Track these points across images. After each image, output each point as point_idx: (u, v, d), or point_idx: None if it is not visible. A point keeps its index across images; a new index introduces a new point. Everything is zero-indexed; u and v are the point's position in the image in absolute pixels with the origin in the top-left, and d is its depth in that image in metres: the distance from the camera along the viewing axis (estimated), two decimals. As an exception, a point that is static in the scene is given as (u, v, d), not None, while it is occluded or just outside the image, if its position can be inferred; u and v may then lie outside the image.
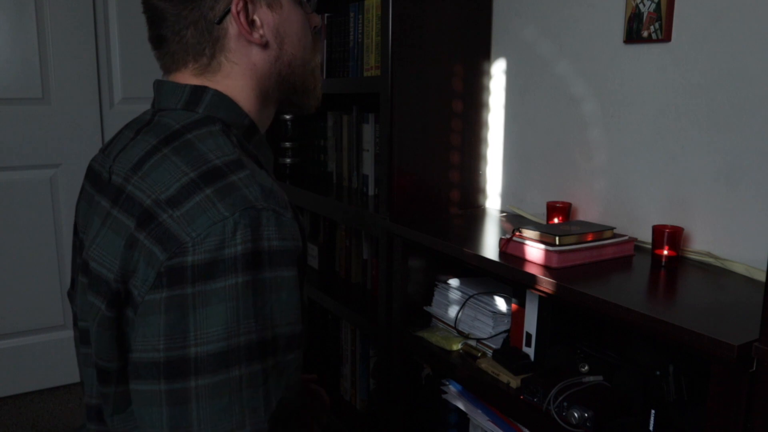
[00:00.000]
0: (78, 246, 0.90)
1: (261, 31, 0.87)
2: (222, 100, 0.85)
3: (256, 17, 0.86)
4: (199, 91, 0.85)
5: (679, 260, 1.29)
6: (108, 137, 2.52)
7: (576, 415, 1.17)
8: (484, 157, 1.82)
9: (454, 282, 1.62)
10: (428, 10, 1.64)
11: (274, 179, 0.85)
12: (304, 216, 2.45)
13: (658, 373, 1.18)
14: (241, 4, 0.84)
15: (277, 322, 0.74)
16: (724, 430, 0.91)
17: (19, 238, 2.46)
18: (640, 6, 1.37)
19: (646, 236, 1.37)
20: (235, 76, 0.87)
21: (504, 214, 1.75)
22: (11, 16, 2.34)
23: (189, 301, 0.70)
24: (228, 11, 0.84)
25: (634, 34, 1.40)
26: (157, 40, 0.87)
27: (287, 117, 2.31)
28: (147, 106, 0.95)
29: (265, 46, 0.88)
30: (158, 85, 0.88)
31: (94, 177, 0.89)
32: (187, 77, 0.87)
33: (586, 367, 1.30)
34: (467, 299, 1.55)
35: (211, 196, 0.73)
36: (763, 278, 1.15)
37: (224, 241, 0.70)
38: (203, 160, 0.76)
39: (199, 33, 0.84)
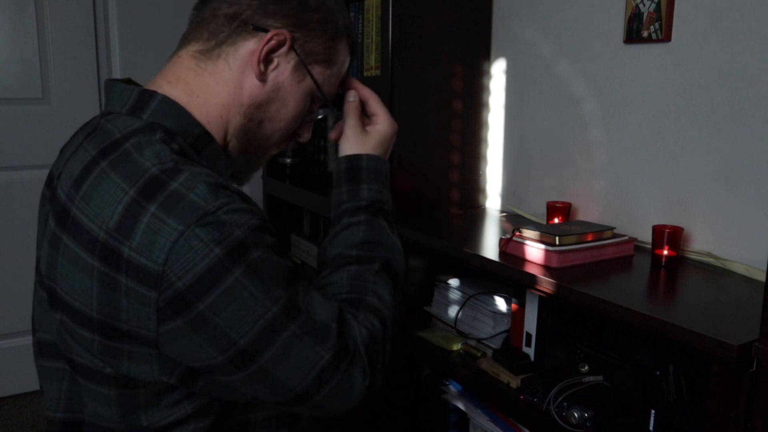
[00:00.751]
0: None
1: (268, 72, 0.86)
2: (170, 107, 0.82)
3: (276, 59, 0.86)
4: (146, 96, 0.82)
5: (679, 260, 1.28)
6: (108, 137, 2.53)
7: (576, 415, 1.17)
8: (484, 157, 1.82)
9: (454, 282, 1.62)
10: (428, 10, 1.64)
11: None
12: (304, 216, 2.45)
13: (658, 373, 1.18)
14: (281, 39, 0.84)
15: (291, 275, 0.79)
16: (724, 430, 0.91)
17: (19, 238, 2.45)
18: (640, 6, 1.37)
19: (646, 236, 1.37)
20: (220, 79, 0.85)
21: (504, 214, 1.75)
22: (11, 16, 2.34)
23: (208, 314, 0.72)
24: (267, 31, 0.84)
25: (634, 34, 1.40)
26: (203, 1, 0.87)
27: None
28: (147, 106, 0.94)
29: (261, 82, 0.86)
30: (108, 86, 0.86)
31: (49, 179, 0.87)
32: (186, 56, 0.87)
33: (586, 367, 1.30)
34: (467, 299, 1.55)
35: (156, 213, 0.71)
36: (763, 278, 1.15)
37: (198, 254, 0.70)
38: (140, 172, 0.73)
39: (231, 19, 0.84)
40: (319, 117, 0.95)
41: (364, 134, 0.97)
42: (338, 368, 0.80)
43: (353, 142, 0.97)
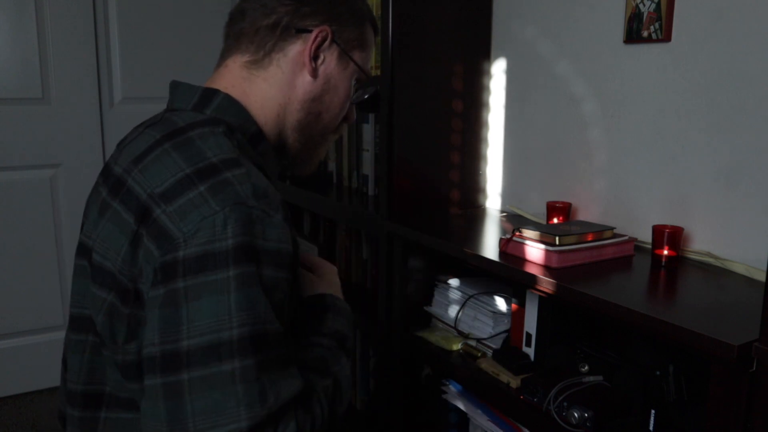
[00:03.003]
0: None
1: (319, 66, 0.92)
2: (231, 104, 0.89)
3: (322, 54, 0.92)
4: (209, 94, 0.88)
5: (679, 260, 1.29)
6: (108, 137, 2.53)
7: (576, 415, 1.17)
8: (484, 157, 1.82)
9: (454, 282, 1.62)
10: (428, 10, 1.64)
11: (275, 188, 0.86)
12: (304, 216, 2.45)
13: (658, 373, 1.18)
14: (324, 35, 0.91)
15: (269, 319, 0.75)
16: (724, 430, 0.91)
17: (19, 238, 2.45)
18: (640, 6, 1.37)
19: (646, 236, 1.37)
20: (273, 82, 0.91)
21: (504, 214, 1.75)
22: (11, 16, 2.34)
23: (181, 295, 0.71)
24: (310, 31, 0.90)
25: (634, 34, 1.40)
26: (239, 14, 0.92)
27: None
28: (147, 106, 0.97)
29: (313, 78, 0.92)
30: (173, 86, 0.92)
31: (105, 170, 0.91)
32: (235, 66, 0.91)
33: (586, 367, 1.30)
34: (467, 299, 1.55)
35: (204, 192, 0.74)
36: (763, 278, 1.15)
37: (215, 234, 0.72)
38: (201, 157, 0.78)
39: (274, 28, 0.90)
40: (366, 96, 1.02)
41: (316, 280, 1.01)
42: None
43: (309, 290, 0.99)
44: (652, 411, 1.15)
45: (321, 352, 0.91)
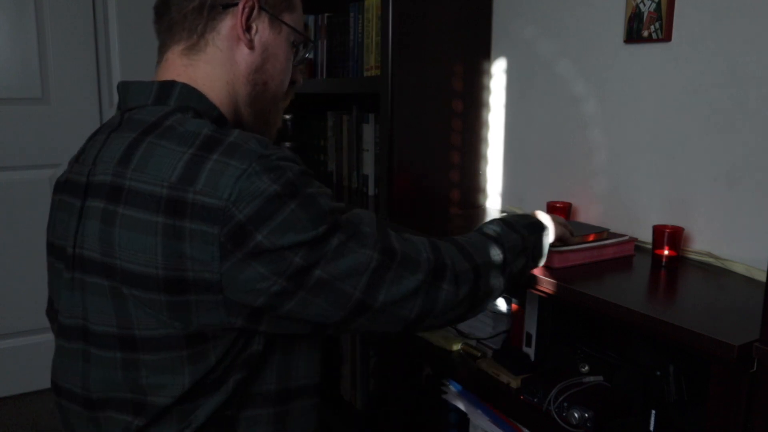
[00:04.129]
0: (58, 258, 0.90)
1: (253, 36, 0.93)
2: (191, 92, 0.88)
3: (254, 24, 0.93)
4: (167, 86, 0.88)
5: (680, 260, 1.28)
6: (108, 137, 2.53)
7: (576, 415, 1.17)
8: (485, 157, 1.82)
9: (454, 282, 1.62)
10: (428, 10, 1.64)
11: None
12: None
13: (658, 373, 1.18)
14: (251, 5, 0.91)
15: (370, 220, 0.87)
16: (724, 430, 0.91)
17: (19, 238, 2.45)
18: (641, 6, 1.37)
19: (646, 236, 1.37)
20: (215, 62, 0.91)
21: (504, 214, 1.75)
22: (11, 16, 2.34)
23: (267, 243, 0.75)
24: (236, 4, 0.90)
25: (634, 34, 1.40)
26: (163, 6, 0.92)
27: (287, 117, 2.31)
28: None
29: (250, 50, 0.92)
30: (124, 87, 0.91)
31: (70, 188, 0.89)
32: (175, 57, 0.91)
33: (586, 367, 1.30)
34: (467, 299, 1.55)
35: (219, 158, 0.77)
36: (763, 278, 1.15)
37: (259, 186, 0.75)
38: (193, 135, 0.80)
39: (201, 10, 0.90)
40: (308, 56, 1.04)
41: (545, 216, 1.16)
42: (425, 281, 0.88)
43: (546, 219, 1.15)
44: (652, 411, 1.15)
45: (473, 236, 1.03)
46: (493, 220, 1.08)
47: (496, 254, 1.00)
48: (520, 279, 1.07)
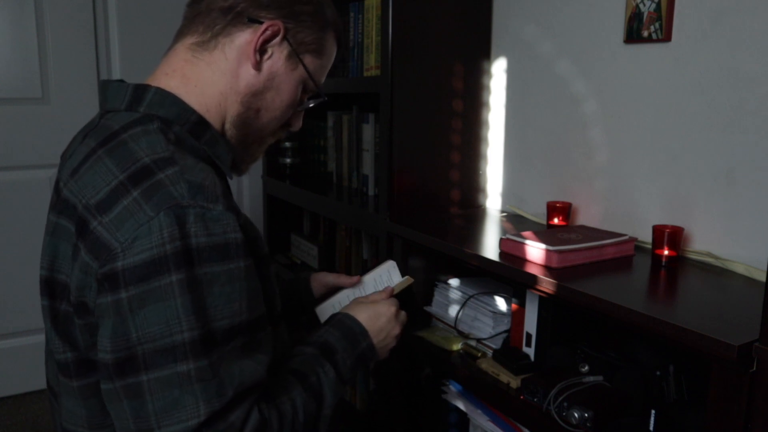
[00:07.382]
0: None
1: (263, 61, 0.89)
2: (164, 97, 0.85)
3: (270, 49, 0.89)
4: (140, 90, 0.86)
5: (680, 260, 1.28)
6: (108, 137, 2.53)
7: (576, 415, 1.16)
8: (485, 157, 1.82)
9: (454, 282, 1.62)
10: (428, 10, 1.64)
11: (229, 175, 0.89)
12: (303, 216, 2.45)
13: (658, 373, 1.18)
14: (275, 30, 0.88)
15: (218, 317, 0.75)
16: (724, 430, 0.91)
17: (19, 238, 2.45)
18: (640, 6, 1.37)
19: (646, 236, 1.37)
20: (216, 68, 0.88)
21: (504, 214, 1.75)
22: (11, 16, 2.34)
23: (125, 305, 0.72)
24: (261, 22, 0.87)
25: (634, 33, 1.40)
26: None
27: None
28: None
29: (257, 71, 0.89)
30: (103, 87, 0.90)
31: (54, 185, 0.91)
32: (181, 49, 0.90)
33: (586, 367, 1.29)
34: (467, 299, 1.55)
35: (138, 198, 0.74)
36: (763, 278, 1.15)
37: (152, 241, 0.72)
38: (133, 160, 0.77)
39: (227, 12, 0.87)
40: (311, 105, 0.98)
41: (358, 307, 1.08)
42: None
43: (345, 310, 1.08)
44: (652, 411, 1.15)
45: (301, 359, 0.92)
46: (327, 370, 0.94)
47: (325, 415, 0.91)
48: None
